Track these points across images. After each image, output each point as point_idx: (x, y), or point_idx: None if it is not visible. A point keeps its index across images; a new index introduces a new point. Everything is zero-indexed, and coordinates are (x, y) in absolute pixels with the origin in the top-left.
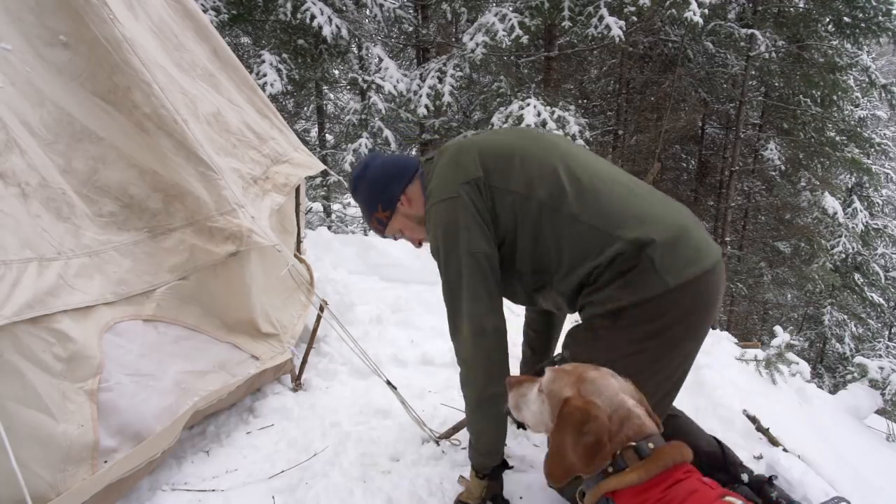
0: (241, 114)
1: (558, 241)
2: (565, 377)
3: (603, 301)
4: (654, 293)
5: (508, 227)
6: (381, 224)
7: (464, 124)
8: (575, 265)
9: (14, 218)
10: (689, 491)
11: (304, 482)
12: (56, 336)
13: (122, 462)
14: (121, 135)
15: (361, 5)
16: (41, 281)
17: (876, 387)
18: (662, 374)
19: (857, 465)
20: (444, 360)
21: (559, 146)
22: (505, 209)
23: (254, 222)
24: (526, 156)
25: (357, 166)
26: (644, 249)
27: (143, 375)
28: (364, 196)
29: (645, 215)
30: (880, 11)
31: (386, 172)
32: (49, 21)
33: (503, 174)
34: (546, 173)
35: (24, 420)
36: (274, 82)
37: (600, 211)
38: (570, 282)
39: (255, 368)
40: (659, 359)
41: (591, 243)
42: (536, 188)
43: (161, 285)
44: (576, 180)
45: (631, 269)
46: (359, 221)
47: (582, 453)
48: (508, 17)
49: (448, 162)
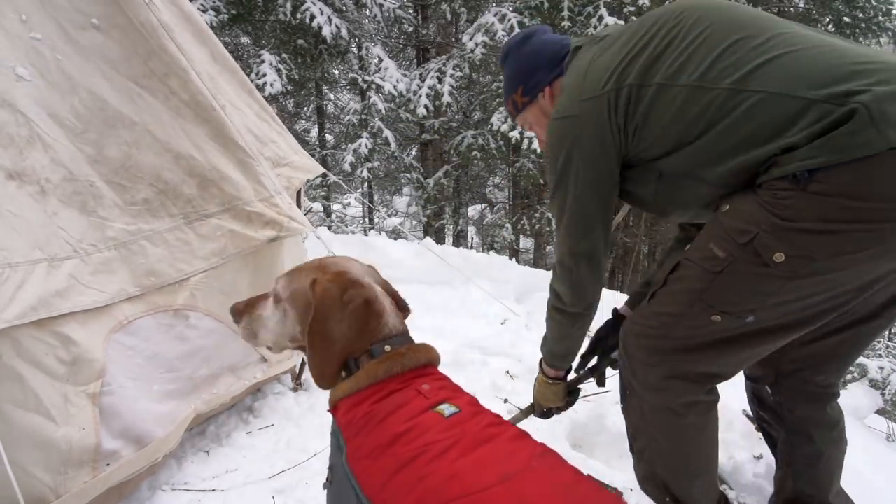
0: (241, 116)
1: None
2: (303, 272)
3: (788, 162)
4: (870, 152)
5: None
6: (516, 108)
7: (464, 124)
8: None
9: (25, 219)
10: (398, 404)
11: (303, 482)
12: (59, 339)
13: (123, 465)
14: (155, 120)
15: (361, 5)
16: (49, 283)
17: (876, 387)
18: (825, 289)
19: (857, 465)
20: (444, 360)
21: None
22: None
23: (292, 208)
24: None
25: (518, 35)
26: (852, 99)
27: (147, 379)
28: (509, 71)
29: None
30: (880, 11)
31: (540, 56)
32: (81, 5)
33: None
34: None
35: (24, 423)
36: (274, 82)
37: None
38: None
39: (261, 374)
40: (843, 254)
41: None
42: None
43: (196, 273)
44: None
45: (835, 127)
46: (359, 222)
47: (353, 321)
48: (508, 17)
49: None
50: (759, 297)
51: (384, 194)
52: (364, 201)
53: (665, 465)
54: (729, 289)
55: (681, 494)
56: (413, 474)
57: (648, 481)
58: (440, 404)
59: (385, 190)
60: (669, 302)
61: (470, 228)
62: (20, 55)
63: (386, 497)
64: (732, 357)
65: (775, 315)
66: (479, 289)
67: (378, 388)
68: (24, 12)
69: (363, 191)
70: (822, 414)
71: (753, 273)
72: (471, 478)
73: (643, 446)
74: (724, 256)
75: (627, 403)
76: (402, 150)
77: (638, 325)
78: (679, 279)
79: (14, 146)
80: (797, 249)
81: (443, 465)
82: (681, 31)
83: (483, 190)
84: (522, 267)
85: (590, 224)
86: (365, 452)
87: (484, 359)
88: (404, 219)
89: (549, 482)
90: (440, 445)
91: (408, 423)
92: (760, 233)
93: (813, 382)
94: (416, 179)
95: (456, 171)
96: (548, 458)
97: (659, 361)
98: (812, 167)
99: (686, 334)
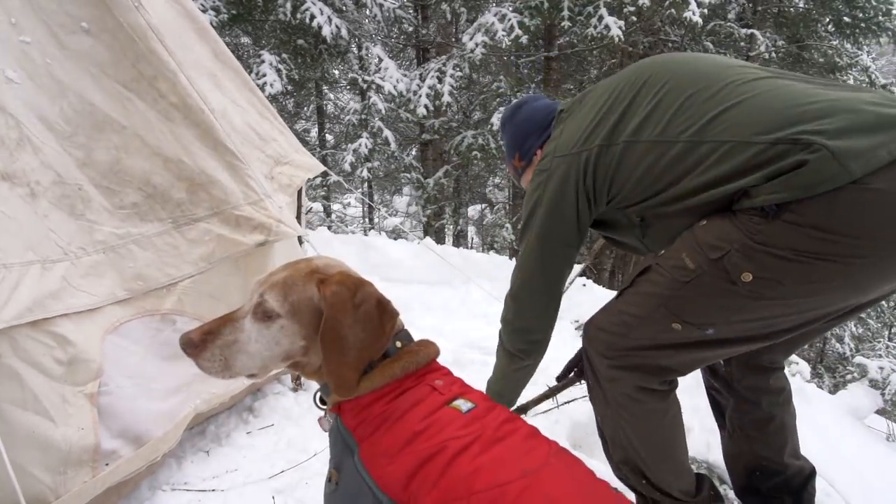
0: (243, 115)
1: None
2: (296, 278)
3: (756, 194)
4: (832, 186)
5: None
6: (517, 172)
7: (464, 124)
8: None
9: (17, 220)
10: (414, 401)
11: (303, 482)
12: (56, 339)
13: (123, 465)
14: (144, 123)
15: (361, 5)
16: (43, 284)
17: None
18: (789, 311)
19: (857, 465)
20: (444, 360)
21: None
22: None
23: (281, 212)
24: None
25: (511, 106)
26: (807, 138)
27: (145, 378)
28: (506, 140)
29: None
30: (880, 11)
31: (530, 122)
32: (71, 8)
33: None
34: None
35: (23, 424)
36: (274, 82)
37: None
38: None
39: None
40: (810, 283)
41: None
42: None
43: (184, 278)
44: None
45: (796, 167)
46: (359, 221)
47: (366, 324)
48: (508, 17)
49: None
50: (722, 313)
51: (384, 194)
52: (365, 199)
53: (634, 449)
54: (693, 301)
55: (654, 478)
56: (435, 470)
57: (624, 465)
58: (455, 399)
59: (385, 190)
60: (635, 303)
61: (470, 228)
62: (9, 58)
63: (408, 494)
64: (688, 359)
65: (736, 330)
66: (479, 289)
67: (394, 387)
68: (13, 15)
69: (363, 191)
70: (767, 383)
71: (720, 289)
72: (493, 473)
73: (613, 433)
74: (693, 268)
75: (591, 392)
76: (402, 150)
77: (601, 319)
78: (647, 282)
79: (4, 148)
80: (765, 272)
81: (465, 462)
82: (640, 90)
83: (483, 190)
84: None
85: (541, 268)
86: (381, 451)
87: (484, 359)
88: (404, 219)
89: (568, 478)
90: (461, 442)
91: (426, 421)
92: (732, 251)
93: (761, 359)
94: (416, 179)
95: (456, 171)
96: (563, 455)
97: (614, 355)
98: (778, 201)
99: (645, 335)
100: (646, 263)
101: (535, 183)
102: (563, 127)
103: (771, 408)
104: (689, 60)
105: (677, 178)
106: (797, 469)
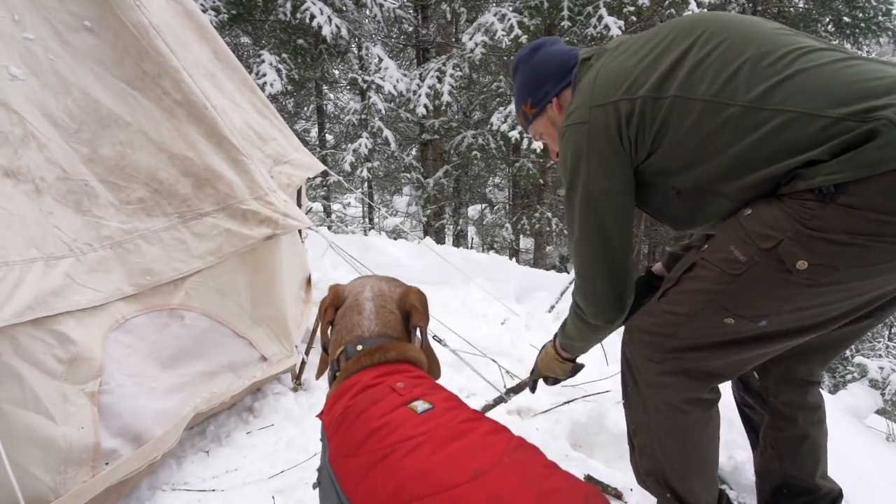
0: (243, 114)
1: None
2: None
3: (813, 175)
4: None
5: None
6: (526, 119)
7: (464, 124)
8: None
9: (21, 217)
10: (373, 401)
11: (303, 482)
12: (57, 338)
13: (123, 464)
14: (149, 120)
15: (361, 5)
16: (45, 281)
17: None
18: (843, 297)
19: (857, 465)
20: (444, 360)
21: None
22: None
23: (287, 206)
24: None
25: (527, 46)
26: (875, 114)
27: (146, 377)
28: (519, 83)
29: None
30: (880, 11)
31: (547, 67)
32: (73, 7)
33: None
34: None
35: (23, 423)
36: (274, 82)
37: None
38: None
39: (261, 373)
40: (865, 266)
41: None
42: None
43: (192, 272)
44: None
45: (864, 142)
46: (359, 221)
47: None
48: (508, 17)
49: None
50: (775, 303)
51: (384, 194)
52: (365, 199)
53: (667, 460)
54: (746, 293)
55: (682, 490)
56: (386, 471)
57: (650, 476)
58: (413, 401)
59: (385, 190)
60: (681, 301)
61: (470, 228)
62: (13, 55)
63: (361, 495)
64: (738, 357)
65: (789, 320)
66: (479, 289)
67: (352, 383)
68: (16, 13)
69: (363, 191)
70: (803, 399)
71: (773, 278)
72: (442, 475)
73: (645, 442)
74: (744, 260)
75: (629, 398)
76: (402, 150)
77: (645, 322)
78: (694, 279)
79: (8, 145)
80: (821, 258)
81: (415, 462)
82: (694, 43)
83: (483, 190)
84: (522, 267)
85: (604, 235)
86: (343, 450)
87: (484, 359)
88: (404, 219)
89: (518, 476)
90: (413, 442)
91: (382, 419)
92: (785, 240)
93: (798, 371)
94: (416, 179)
95: (456, 171)
96: (520, 451)
97: (662, 359)
98: (838, 181)
99: (695, 334)
100: (691, 260)
101: (574, 137)
102: (596, 75)
103: (806, 425)
104: (747, 22)
105: (727, 144)
106: (827, 491)
